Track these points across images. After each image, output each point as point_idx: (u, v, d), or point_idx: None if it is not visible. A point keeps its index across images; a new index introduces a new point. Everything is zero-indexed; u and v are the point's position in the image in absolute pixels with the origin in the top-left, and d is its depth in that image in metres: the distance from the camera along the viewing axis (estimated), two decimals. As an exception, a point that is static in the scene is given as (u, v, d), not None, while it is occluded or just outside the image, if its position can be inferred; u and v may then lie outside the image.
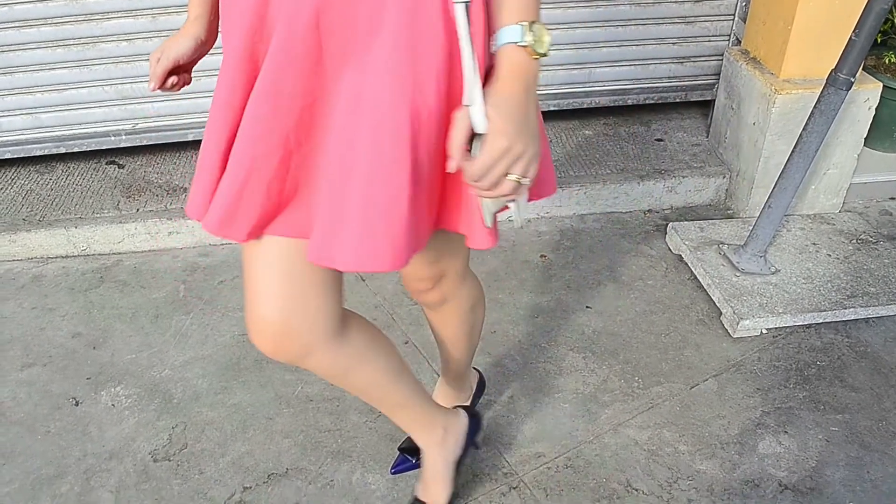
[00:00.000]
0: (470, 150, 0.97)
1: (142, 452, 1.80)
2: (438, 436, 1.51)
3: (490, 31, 0.98)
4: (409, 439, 1.66)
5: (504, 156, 0.94)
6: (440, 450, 1.52)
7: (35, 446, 1.82)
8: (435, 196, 1.09)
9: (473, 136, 0.97)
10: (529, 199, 1.09)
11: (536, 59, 0.95)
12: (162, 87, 1.20)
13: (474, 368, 1.78)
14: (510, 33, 0.94)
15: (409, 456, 1.65)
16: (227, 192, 1.05)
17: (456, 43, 0.97)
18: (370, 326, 1.30)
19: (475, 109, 0.95)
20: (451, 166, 0.99)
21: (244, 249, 1.14)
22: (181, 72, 1.22)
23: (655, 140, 2.76)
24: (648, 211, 2.58)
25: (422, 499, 1.58)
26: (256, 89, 1.01)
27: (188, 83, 1.25)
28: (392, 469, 1.67)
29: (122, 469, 1.76)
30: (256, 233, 1.09)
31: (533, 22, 0.94)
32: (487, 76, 0.97)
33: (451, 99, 1.00)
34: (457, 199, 1.11)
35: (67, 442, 1.83)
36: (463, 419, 1.57)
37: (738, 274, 2.19)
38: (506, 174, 0.95)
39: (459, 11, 0.95)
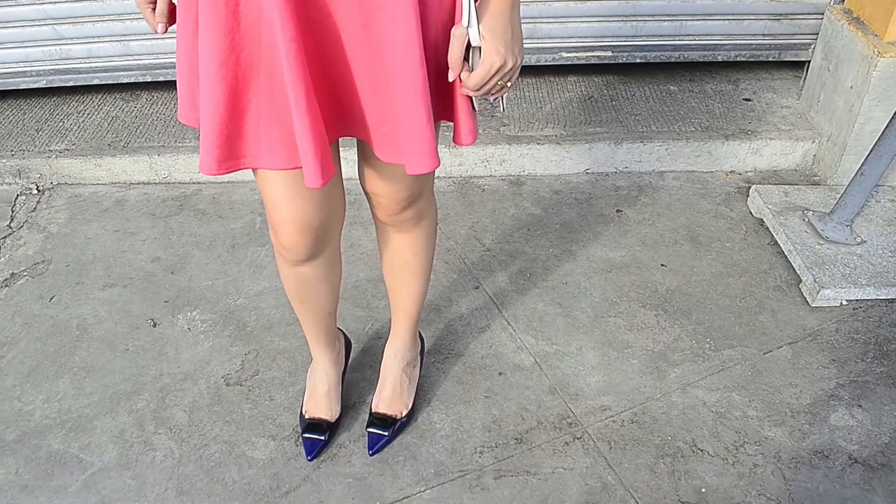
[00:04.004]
0: (466, 60, 1.10)
1: (215, 376, 1.85)
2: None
3: None
4: (371, 416, 1.70)
5: (496, 71, 1.09)
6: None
7: (114, 363, 1.89)
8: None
9: (468, 48, 1.10)
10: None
11: None
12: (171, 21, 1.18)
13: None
14: None
15: (379, 431, 1.67)
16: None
17: None
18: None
19: (472, 30, 1.07)
20: (451, 77, 1.12)
21: None
22: None
23: (743, 100, 2.67)
24: (731, 172, 2.51)
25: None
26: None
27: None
28: (371, 451, 1.66)
29: (196, 390, 1.82)
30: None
31: None
32: None
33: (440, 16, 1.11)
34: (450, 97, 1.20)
35: (145, 361, 1.90)
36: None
37: (821, 242, 2.12)
38: (497, 83, 1.11)
39: None
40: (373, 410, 1.70)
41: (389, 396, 1.70)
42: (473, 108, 1.19)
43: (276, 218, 1.30)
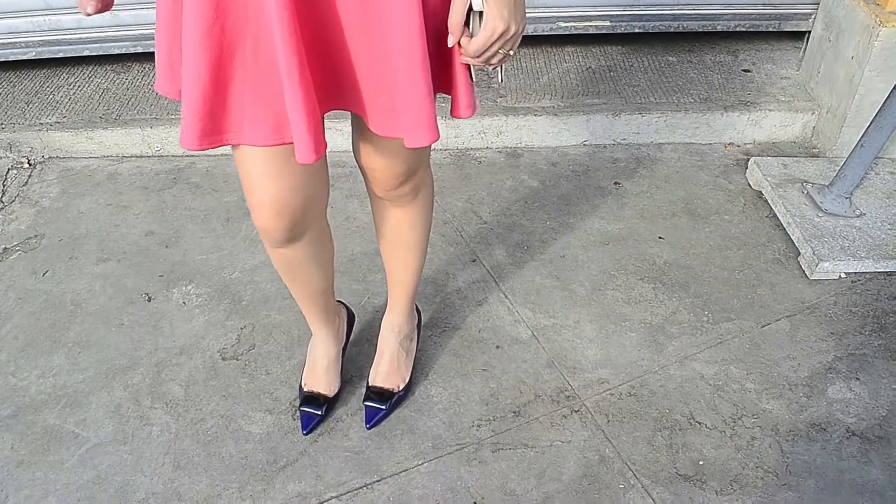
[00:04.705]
0: (467, 26, 1.07)
1: (211, 350, 1.84)
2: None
3: None
4: (368, 389, 1.69)
5: (499, 37, 1.05)
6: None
7: (109, 337, 1.88)
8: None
9: (469, 13, 1.07)
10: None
11: None
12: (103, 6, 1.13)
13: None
14: None
15: (376, 405, 1.67)
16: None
17: None
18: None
19: None
20: (451, 42, 1.09)
21: None
22: None
23: (742, 70, 2.64)
24: (730, 144, 2.49)
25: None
26: None
27: None
28: (368, 425, 1.66)
29: (192, 364, 1.81)
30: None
31: None
32: None
33: None
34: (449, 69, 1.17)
35: (140, 335, 1.88)
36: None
37: (820, 214, 2.10)
38: (498, 50, 1.08)
39: None
40: (370, 384, 1.70)
41: (386, 370, 1.69)
42: (471, 79, 1.16)
43: (254, 199, 1.25)
